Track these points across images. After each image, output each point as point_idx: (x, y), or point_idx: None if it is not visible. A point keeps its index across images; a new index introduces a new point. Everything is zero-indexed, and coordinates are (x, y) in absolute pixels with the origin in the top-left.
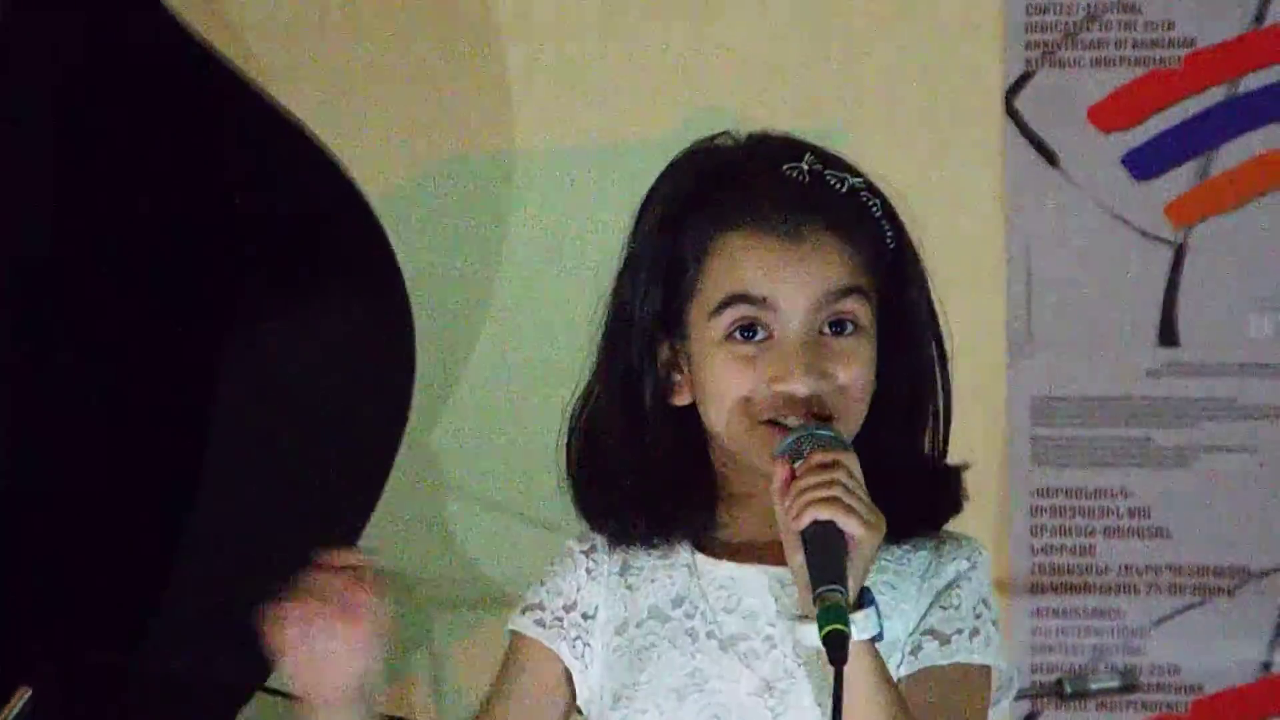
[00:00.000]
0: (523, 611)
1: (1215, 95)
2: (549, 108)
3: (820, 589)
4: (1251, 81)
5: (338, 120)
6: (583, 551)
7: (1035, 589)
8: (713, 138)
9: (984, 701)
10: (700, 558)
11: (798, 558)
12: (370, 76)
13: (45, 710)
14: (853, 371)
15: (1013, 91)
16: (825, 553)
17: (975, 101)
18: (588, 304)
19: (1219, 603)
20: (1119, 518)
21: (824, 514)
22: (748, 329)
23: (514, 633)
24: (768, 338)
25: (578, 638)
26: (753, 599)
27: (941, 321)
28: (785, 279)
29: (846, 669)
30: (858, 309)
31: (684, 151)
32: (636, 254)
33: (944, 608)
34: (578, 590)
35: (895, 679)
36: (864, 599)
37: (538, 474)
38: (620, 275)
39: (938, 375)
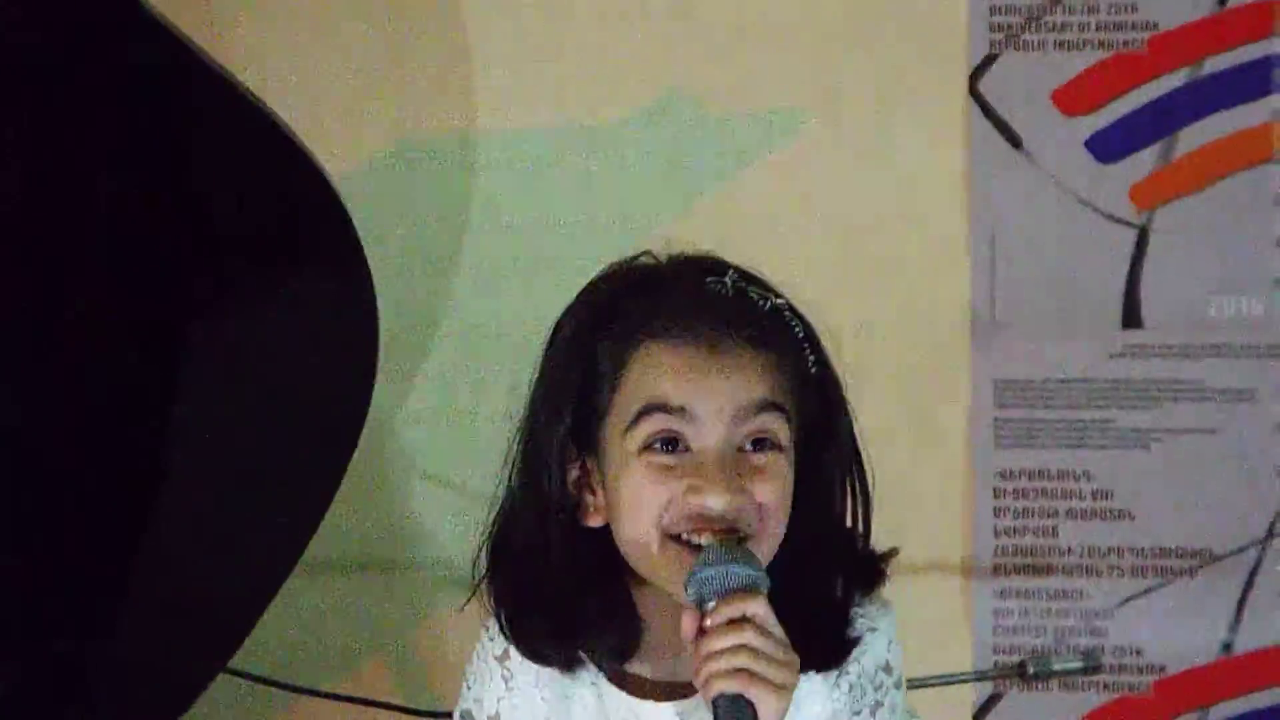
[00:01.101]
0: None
1: (1179, 78)
2: (510, 88)
3: None
4: (1215, 64)
5: (296, 100)
6: (496, 658)
7: (998, 571)
8: (634, 257)
9: None
10: (607, 689)
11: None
12: (330, 55)
13: (6, 697)
14: (770, 488)
15: (976, 74)
16: None
17: (939, 84)
18: (549, 286)
19: (1181, 584)
20: (1082, 500)
21: (732, 686)
22: (667, 442)
23: None
24: (685, 450)
25: None
26: None
27: (864, 458)
28: (704, 390)
29: None
30: (777, 427)
31: (604, 270)
32: (549, 369)
33: (835, 700)
34: (498, 701)
35: None
36: None
37: (497, 456)
38: (533, 391)
39: (859, 510)
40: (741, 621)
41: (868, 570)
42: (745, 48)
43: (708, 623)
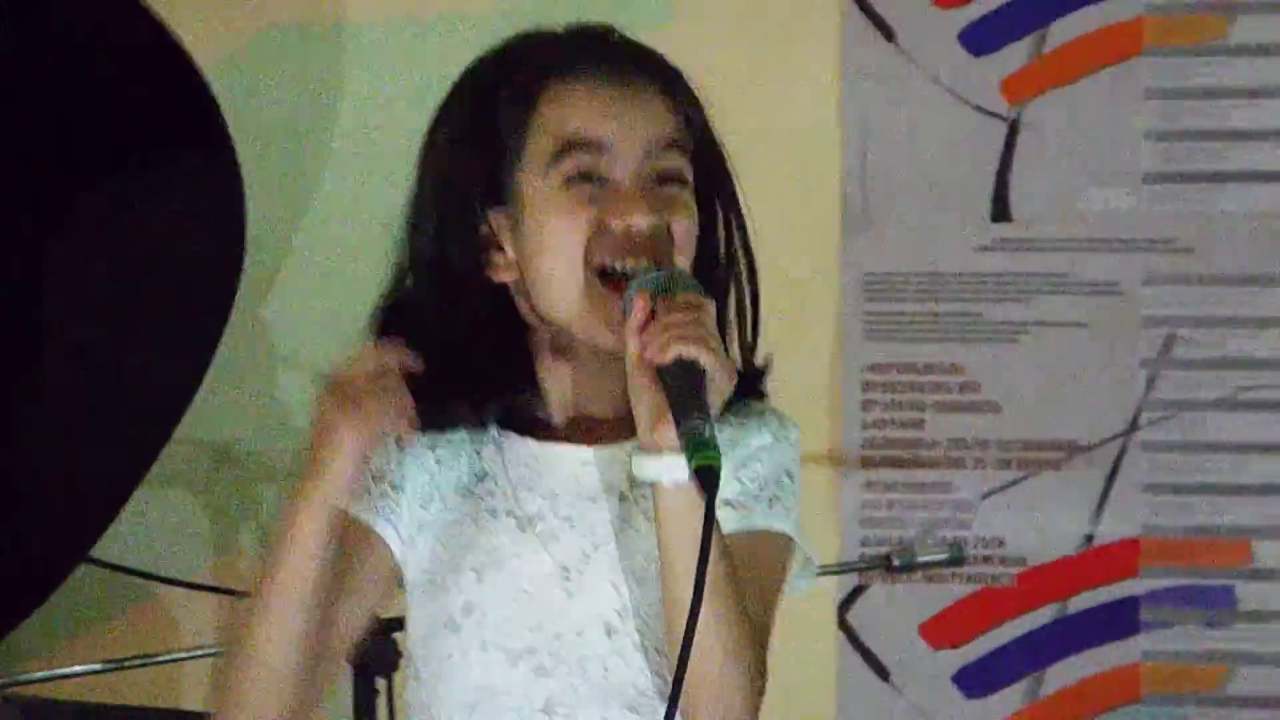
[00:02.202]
0: None
1: None
2: None
3: (687, 422)
4: None
5: None
6: None
7: (866, 463)
8: (527, 31)
9: (782, 569)
10: (507, 435)
11: (646, 395)
12: None
13: None
14: (682, 219)
15: None
16: (688, 388)
17: None
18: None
19: (1046, 476)
20: (950, 392)
21: (691, 351)
22: (584, 176)
23: None
24: (603, 181)
25: (388, 508)
26: (553, 479)
27: (749, 225)
28: (619, 122)
29: (678, 508)
30: (683, 165)
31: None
32: (452, 122)
33: (741, 480)
34: (387, 461)
35: None
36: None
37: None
38: (430, 147)
39: (741, 258)
40: (699, 307)
41: (753, 378)
42: None
43: (659, 306)
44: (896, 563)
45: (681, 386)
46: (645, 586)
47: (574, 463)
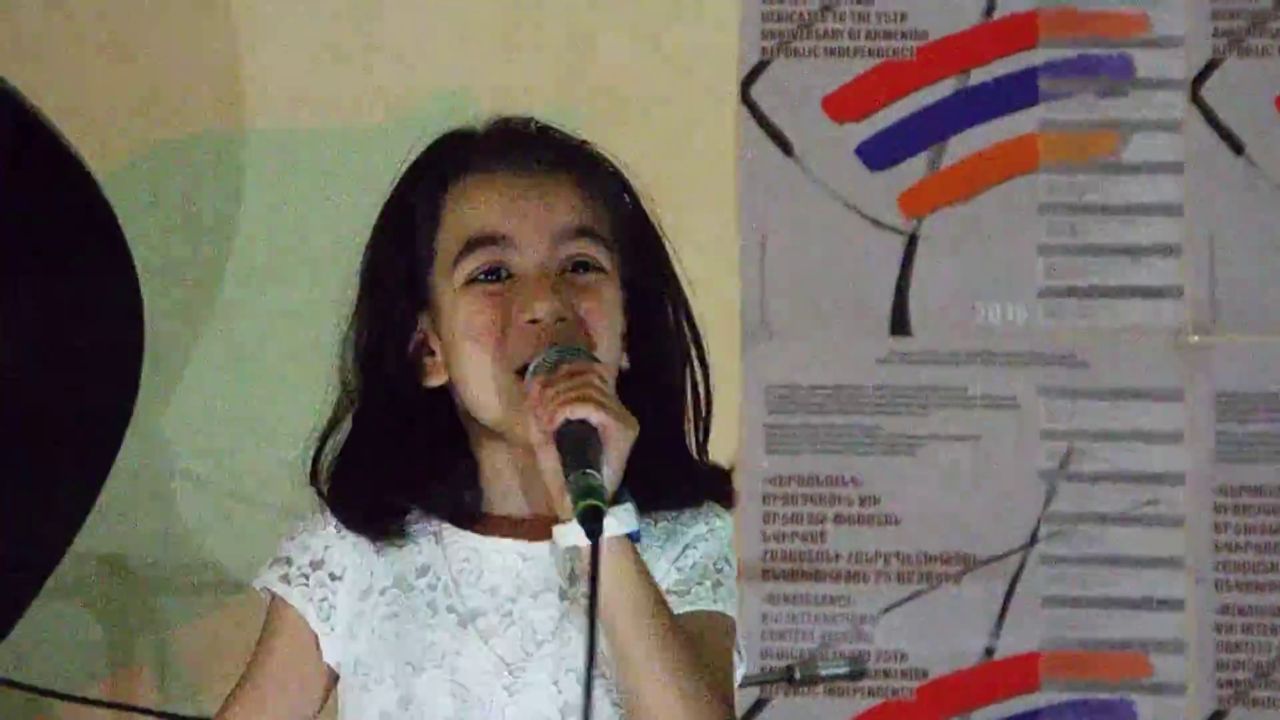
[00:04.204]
0: (270, 566)
1: (947, 87)
2: (282, 88)
3: (573, 474)
4: (982, 74)
5: (63, 97)
6: None
7: (767, 575)
8: (450, 130)
9: (728, 649)
10: (447, 528)
11: (549, 466)
12: (96, 52)
13: None
14: (593, 303)
15: (749, 81)
16: (579, 446)
17: (712, 90)
18: (320, 288)
19: (946, 590)
20: (849, 505)
21: (577, 411)
22: (491, 272)
23: (265, 590)
24: (511, 277)
25: (324, 599)
26: (494, 573)
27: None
28: (522, 215)
29: (608, 567)
30: (596, 251)
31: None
32: (379, 226)
33: (680, 569)
34: (325, 548)
35: None
36: (620, 497)
37: (268, 458)
38: (365, 253)
39: (691, 350)
40: (584, 372)
41: (714, 478)
42: (519, 49)
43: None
44: (798, 676)
45: (573, 445)
46: None
47: (514, 557)
